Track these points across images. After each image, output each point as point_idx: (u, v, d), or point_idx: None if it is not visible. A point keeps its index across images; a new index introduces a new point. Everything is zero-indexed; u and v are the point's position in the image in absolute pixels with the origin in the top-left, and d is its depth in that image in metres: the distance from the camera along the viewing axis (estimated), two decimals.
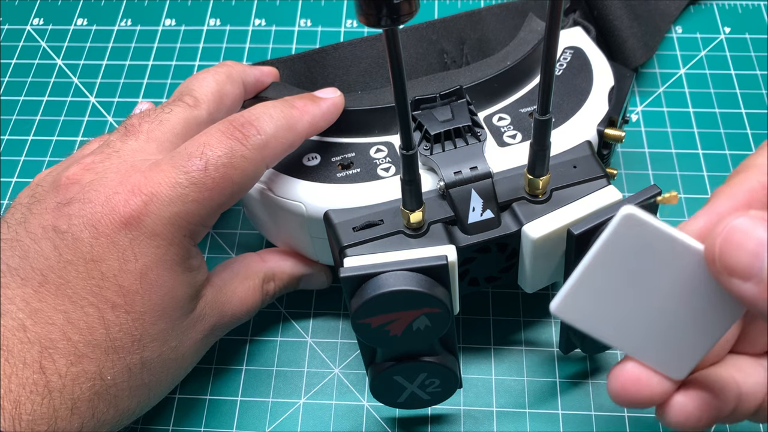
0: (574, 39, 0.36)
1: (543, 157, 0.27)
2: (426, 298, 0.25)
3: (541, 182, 0.28)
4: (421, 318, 0.26)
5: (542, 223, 0.28)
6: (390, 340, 0.26)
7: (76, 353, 0.25)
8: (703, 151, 0.41)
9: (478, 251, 0.29)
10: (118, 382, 0.26)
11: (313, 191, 0.30)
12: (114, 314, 0.26)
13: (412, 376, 0.29)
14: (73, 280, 0.26)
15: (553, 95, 0.25)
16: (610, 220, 0.26)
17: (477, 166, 0.29)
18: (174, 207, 0.26)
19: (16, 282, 0.26)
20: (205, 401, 0.34)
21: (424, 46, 0.39)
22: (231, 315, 0.31)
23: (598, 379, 0.34)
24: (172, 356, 0.28)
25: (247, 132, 0.28)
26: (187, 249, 0.28)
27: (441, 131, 0.29)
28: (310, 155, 0.32)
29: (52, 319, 0.25)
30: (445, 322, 0.26)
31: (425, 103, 0.31)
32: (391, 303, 0.25)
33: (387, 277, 0.25)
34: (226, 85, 0.32)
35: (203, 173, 0.26)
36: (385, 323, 0.26)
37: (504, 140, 0.31)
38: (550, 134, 0.26)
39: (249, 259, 0.33)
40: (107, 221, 0.26)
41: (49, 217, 0.27)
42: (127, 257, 0.26)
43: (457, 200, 0.29)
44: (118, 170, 0.27)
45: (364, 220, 0.29)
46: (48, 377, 0.25)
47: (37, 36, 0.49)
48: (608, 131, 0.32)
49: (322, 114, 0.30)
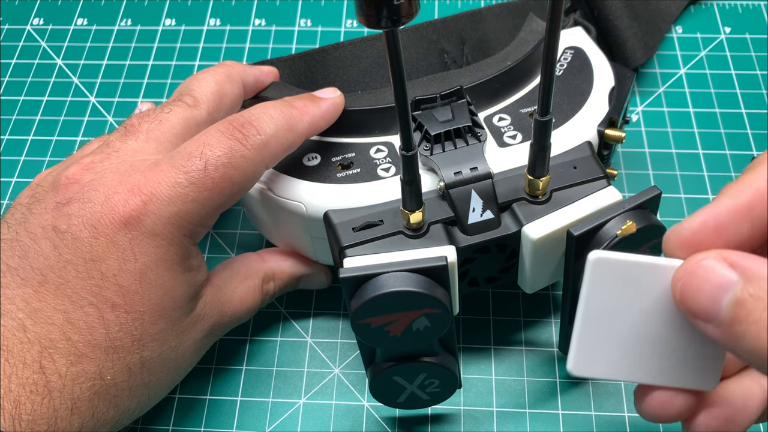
0: (575, 39, 0.36)
1: (543, 157, 0.27)
2: (426, 299, 0.25)
3: (541, 183, 0.28)
4: (420, 318, 0.26)
5: (542, 223, 0.28)
6: (390, 341, 0.26)
7: (76, 353, 0.25)
8: (703, 151, 0.41)
9: (478, 252, 0.29)
10: (118, 382, 0.26)
11: (313, 191, 0.30)
12: (114, 314, 0.26)
13: (411, 377, 0.29)
14: (73, 280, 0.26)
15: (553, 96, 0.25)
16: (610, 221, 0.26)
17: (477, 166, 0.29)
18: (173, 207, 0.26)
19: (16, 282, 0.26)
20: (205, 401, 0.34)
21: (424, 46, 0.39)
22: (231, 315, 0.31)
23: (598, 379, 0.34)
24: (172, 356, 0.28)
25: (247, 132, 0.28)
26: (186, 249, 0.28)
27: (441, 132, 0.29)
28: (310, 155, 0.31)
29: (51, 319, 0.25)
30: (445, 322, 0.26)
31: (425, 104, 0.31)
32: (391, 304, 0.25)
33: (387, 278, 0.25)
34: (226, 85, 0.32)
35: (203, 173, 0.26)
36: (384, 324, 0.26)
37: (504, 140, 0.31)
38: (551, 135, 0.26)
39: (249, 258, 0.33)
40: (107, 221, 0.26)
41: (49, 216, 0.27)
42: (126, 257, 0.26)
43: (457, 201, 0.28)
44: (117, 170, 0.27)
45: (364, 220, 0.29)
46: (48, 377, 0.25)
47: (37, 36, 0.49)
48: (608, 132, 0.32)
49: (322, 114, 0.30)
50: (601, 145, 0.32)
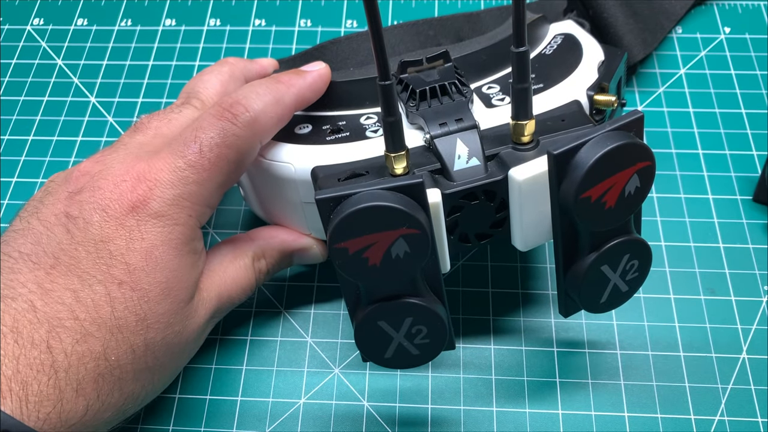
0: (566, 28, 0.36)
1: (525, 97, 0.27)
2: (402, 215, 0.24)
3: (526, 127, 0.28)
4: (399, 242, 0.25)
5: (529, 166, 0.27)
6: (369, 272, 0.26)
7: (82, 332, 0.26)
8: (703, 151, 0.41)
9: (464, 199, 0.29)
10: (122, 364, 0.27)
11: (301, 152, 0.31)
12: (120, 291, 0.27)
13: (397, 322, 0.27)
14: (83, 260, 0.27)
15: (526, 29, 0.25)
16: (590, 141, 0.25)
17: (462, 118, 0.29)
18: (176, 189, 0.28)
19: (29, 267, 0.27)
20: (205, 401, 0.34)
21: (420, 41, 0.39)
22: (228, 297, 0.31)
23: (598, 379, 0.34)
24: (176, 341, 0.29)
25: (236, 111, 0.29)
26: (192, 229, 0.29)
27: (427, 88, 0.30)
28: (302, 125, 0.32)
29: (61, 298, 0.26)
30: (425, 246, 0.25)
31: (412, 66, 0.31)
32: (367, 222, 0.24)
33: (362, 196, 0.24)
34: (230, 84, 0.34)
35: (199, 155, 0.28)
36: (362, 248, 0.25)
37: (492, 103, 0.31)
38: (530, 69, 0.26)
39: (237, 238, 0.33)
40: (116, 206, 0.27)
41: (61, 205, 0.28)
42: (133, 236, 0.27)
43: (443, 149, 0.29)
44: (124, 161, 0.29)
45: (350, 172, 0.29)
46: (54, 356, 0.25)
47: (38, 36, 0.49)
48: (598, 96, 0.32)
49: (308, 85, 0.31)
50: (593, 111, 0.32)
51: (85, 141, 0.43)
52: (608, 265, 0.28)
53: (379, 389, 0.34)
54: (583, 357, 0.34)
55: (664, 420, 0.33)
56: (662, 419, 0.33)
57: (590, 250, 0.28)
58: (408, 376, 0.34)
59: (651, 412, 0.33)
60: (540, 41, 0.35)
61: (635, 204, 0.27)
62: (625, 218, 0.27)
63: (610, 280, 0.29)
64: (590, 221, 0.26)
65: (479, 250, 0.38)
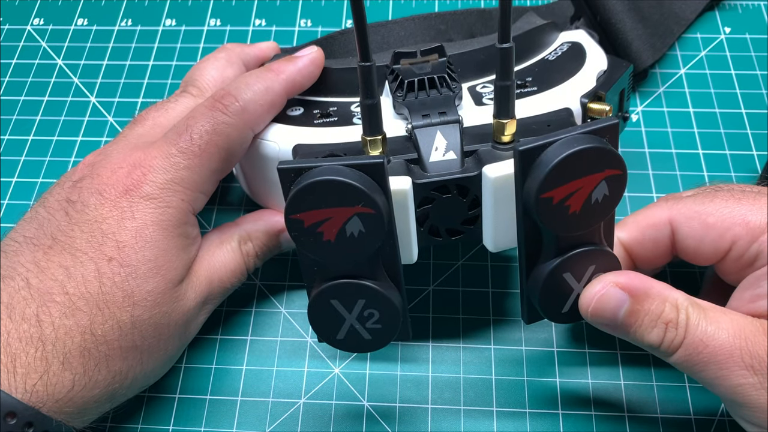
0: (575, 36, 0.36)
1: (507, 96, 0.27)
2: (357, 192, 0.24)
3: (507, 126, 0.28)
4: (354, 220, 0.25)
5: (503, 165, 0.27)
6: (324, 247, 0.26)
7: (71, 306, 0.27)
8: (703, 151, 0.41)
9: (436, 191, 0.28)
10: (109, 339, 0.28)
11: (287, 132, 0.32)
12: (109, 267, 0.28)
13: (350, 303, 0.27)
14: (77, 239, 0.28)
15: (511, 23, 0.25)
16: (557, 141, 0.25)
17: (446, 112, 0.29)
18: (168, 174, 0.29)
19: (29, 248, 0.28)
20: (205, 401, 0.34)
21: (431, 35, 0.39)
22: (219, 281, 0.32)
23: (598, 379, 0.34)
24: (164, 321, 0.29)
25: (227, 102, 0.30)
26: (184, 214, 0.30)
27: (415, 79, 0.30)
28: (295, 108, 0.33)
29: (54, 275, 0.27)
30: (380, 228, 0.25)
31: (405, 57, 0.31)
32: (324, 196, 0.24)
33: (321, 169, 0.25)
34: (227, 70, 0.35)
35: (190, 142, 0.30)
36: (317, 222, 0.25)
37: (483, 101, 0.32)
38: (513, 67, 0.26)
39: (223, 225, 0.34)
40: (112, 190, 0.29)
41: (64, 192, 0.30)
42: (125, 216, 0.29)
43: (421, 140, 0.29)
44: (122, 150, 0.30)
45: (327, 152, 0.30)
46: (43, 329, 0.26)
47: (38, 36, 0.49)
48: (592, 105, 0.32)
49: (299, 70, 0.32)
50: (586, 119, 0.32)
51: (85, 141, 0.43)
52: (571, 273, 0.27)
53: (379, 389, 0.34)
54: (584, 357, 0.34)
55: (664, 420, 0.33)
56: (662, 419, 0.33)
57: (555, 256, 0.27)
58: (408, 376, 0.34)
59: (651, 412, 0.33)
60: (546, 47, 0.35)
61: (603, 213, 0.26)
62: (591, 226, 0.26)
63: (573, 290, 0.28)
64: (552, 224, 0.26)
65: (479, 250, 0.38)
